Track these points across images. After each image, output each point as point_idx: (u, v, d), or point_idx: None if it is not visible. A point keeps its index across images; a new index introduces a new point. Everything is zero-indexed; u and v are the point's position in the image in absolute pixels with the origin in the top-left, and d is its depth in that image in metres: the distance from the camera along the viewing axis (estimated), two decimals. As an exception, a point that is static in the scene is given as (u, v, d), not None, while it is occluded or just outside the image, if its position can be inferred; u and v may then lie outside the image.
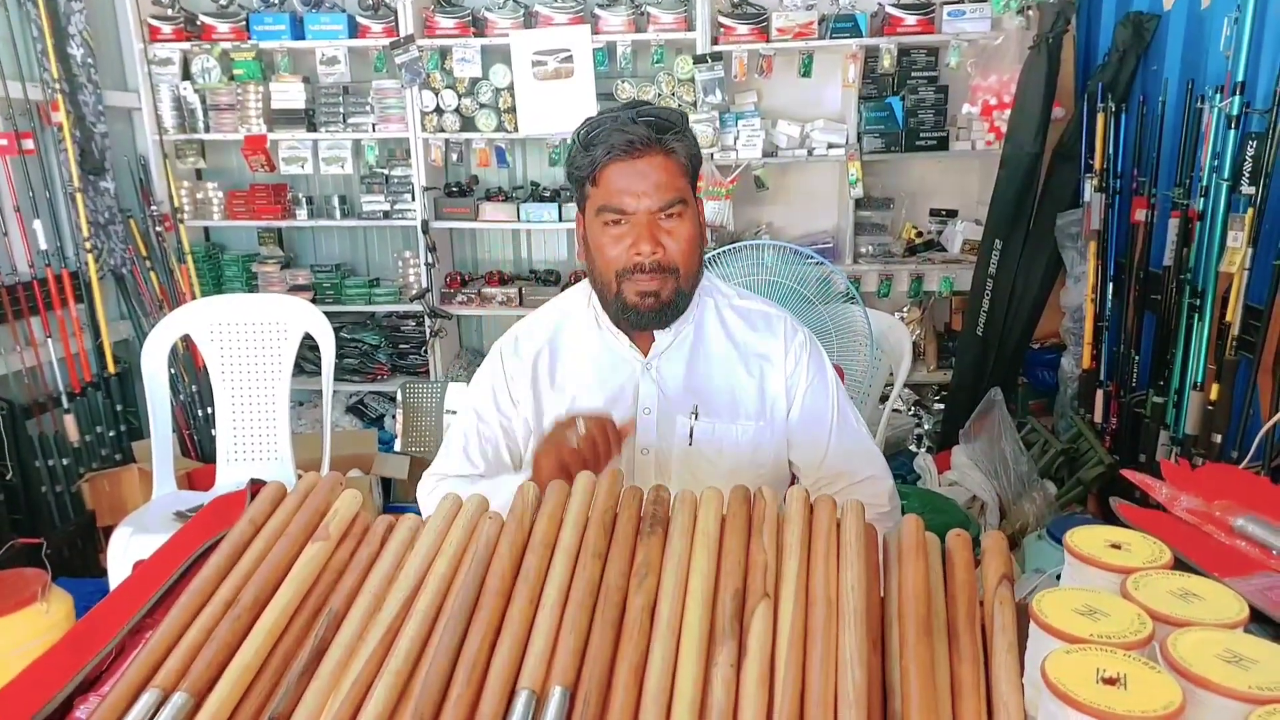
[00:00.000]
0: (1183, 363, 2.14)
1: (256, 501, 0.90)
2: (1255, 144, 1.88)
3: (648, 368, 1.22)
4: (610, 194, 1.11)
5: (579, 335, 1.25)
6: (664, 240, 1.12)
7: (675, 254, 1.13)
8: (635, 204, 1.10)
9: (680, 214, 1.12)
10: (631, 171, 1.10)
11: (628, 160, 1.09)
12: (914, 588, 0.73)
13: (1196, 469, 1.00)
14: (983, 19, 3.04)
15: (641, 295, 1.14)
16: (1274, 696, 0.53)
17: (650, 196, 1.10)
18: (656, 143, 1.10)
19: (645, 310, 1.15)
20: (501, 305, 3.47)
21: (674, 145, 1.11)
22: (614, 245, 1.13)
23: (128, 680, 0.68)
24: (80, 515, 2.76)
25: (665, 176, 1.10)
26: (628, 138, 1.09)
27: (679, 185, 1.12)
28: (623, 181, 1.10)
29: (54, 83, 2.83)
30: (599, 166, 1.11)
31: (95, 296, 2.95)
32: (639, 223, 1.11)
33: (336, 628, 0.74)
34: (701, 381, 1.22)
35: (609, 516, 0.83)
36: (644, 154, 1.09)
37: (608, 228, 1.13)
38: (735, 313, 1.26)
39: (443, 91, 3.30)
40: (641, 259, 1.11)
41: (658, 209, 1.11)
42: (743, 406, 1.22)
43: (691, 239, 1.14)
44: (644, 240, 1.10)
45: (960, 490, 2.62)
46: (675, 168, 1.12)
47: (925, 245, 3.41)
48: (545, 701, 0.64)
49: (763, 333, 1.25)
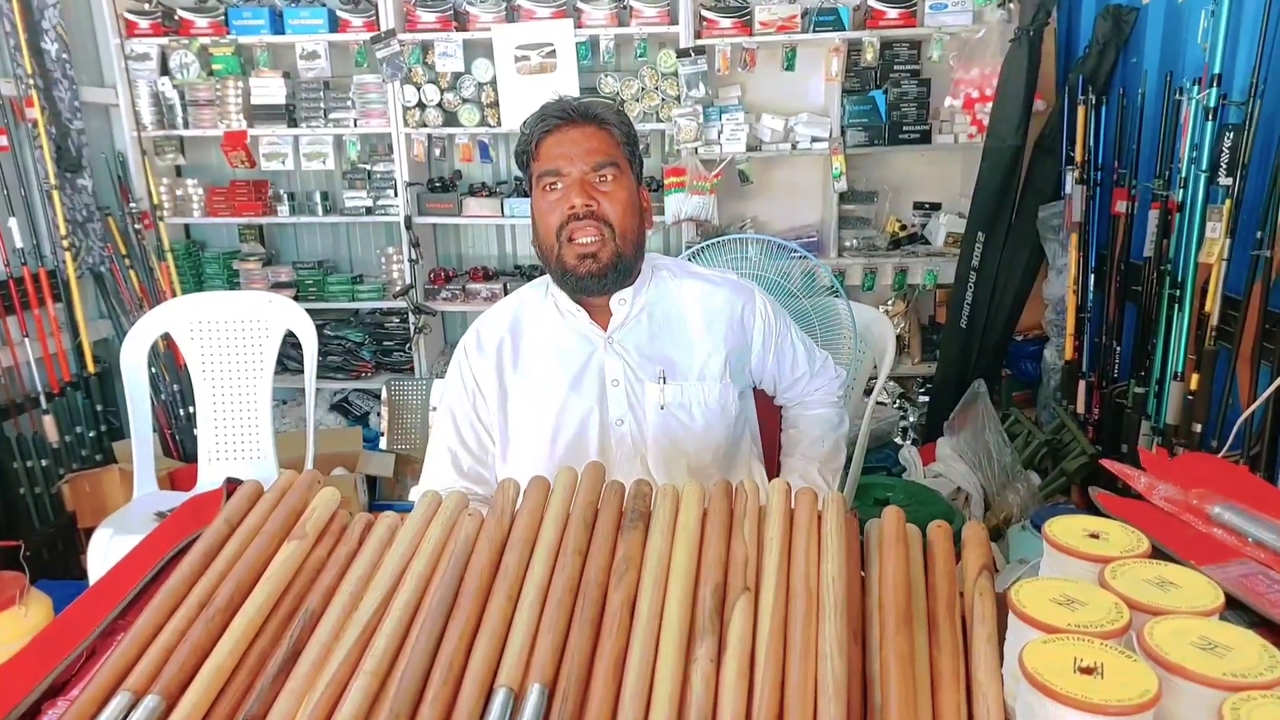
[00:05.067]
0: (1163, 353, 2.16)
1: (232, 500, 0.89)
2: (1232, 135, 1.89)
3: (609, 342, 1.27)
4: (547, 160, 1.20)
5: (538, 320, 1.31)
6: (597, 196, 1.20)
7: (609, 210, 1.20)
8: (569, 166, 1.19)
9: (614, 177, 1.21)
10: (565, 139, 1.20)
11: (562, 129, 1.20)
12: (894, 579, 0.73)
13: (1175, 458, 1.01)
14: (964, 12, 3.05)
15: (580, 258, 1.20)
16: (1248, 683, 0.53)
17: (582, 160, 1.19)
18: (587, 114, 1.21)
19: (584, 274, 1.21)
20: (486, 301, 3.45)
21: (605, 115, 1.22)
22: (554, 210, 1.21)
23: (98, 683, 0.67)
24: (60, 516, 2.73)
25: (596, 143, 1.20)
26: (560, 108, 1.21)
27: (610, 150, 1.21)
28: (558, 148, 1.20)
29: (28, 78, 2.79)
30: (536, 140, 1.21)
31: (74, 295, 2.91)
32: (572, 181, 1.19)
33: (313, 627, 0.73)
34: (665, 348, 1.29)
35: (590, 512, 0.83)
36: (576, 124, 1.20)
37: (547, 193, 1.21)
38: (692, 279, 1.34)
39: (425, 86, 3.28)
40: (575, 210, 1.19)
41: (590, 169, 1.20)
42: (708, 367, 1.29)
43: (626, 201, 1.22)
44: (576, 193, 1.19)
45: (945, 482, 2.64)
46: (606, 136, 1.21)
47: (909, 238, 3.42)
48: (523, 699, 0.63)
49: (721, 295, 1.32)
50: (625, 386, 1.27)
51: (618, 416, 1.28)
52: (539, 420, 1.28)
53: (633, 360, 1.28)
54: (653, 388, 1.27)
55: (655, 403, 1.27)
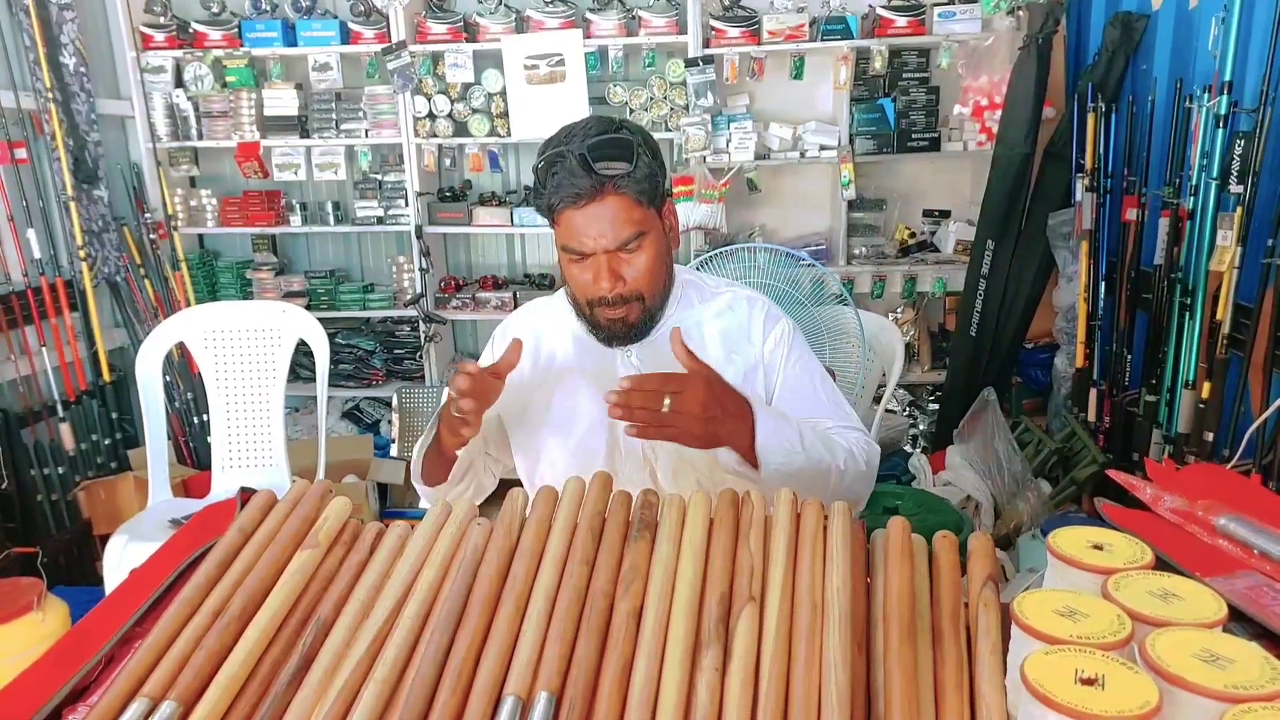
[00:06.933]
0: (1174, 361, 2.15)
1: (246, 510, 0.90)
2: (1243, 143, 1.88)
3: (628, 354, 1.28)
4: (568, 236, 1.15)
5: (566, 325, 1.32)
6: (624, 272, 1.16)
7: (637, 283, 1.17)
8: (593, 244, 1.14)
9: (638, 246, 1.16)
10: (585, 217, 1.13)
11: (582, 206, 1.12)
12: (899, 590, 0.74)
13: (1181, 469, 1.01)
14: (973, 20, 3.05)
15: (610, 321, 1.20)
16: (1249, 695, 0.53)
17: (606, 237, 1.14)
18: (607, 186, 1.12)
19: (616, 334, 1.22)
20: (496, 309, 3.47)
21: (625, 184, 1.13)
22: (578, 276, 1.18)
23: (116, 689, 0.68)
24: (76, 523, 2.76)
25: (619, 213, 1.13)
26: (575, 191, 1.11)
27: (635, 219, 1.15)
28: (579, 224, 1.13)
29: (46, 91, 2.83)
30: (556, 210, 1.15)
31: (90, 305, 2.95)
32: (598, 261, 1.15)
33: (325, 636, 0.74)
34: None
35: (597, 522, 0.84)
36: (595, 199, 1.12)
37: (572, 262, 1.18)
38: (715, 300, 1.32)
39: (435, 97, 3.31)
40: (604, 294, 1.16)
41: (615, 248, 1.15)
42: None
43: (653, 264, 1.18)
44: (604, 278, 1.15)
45: (954, 490, 2.63)
46: (629, 203, 1.14)
47: (918, 246, 3.42)
48: (531, 708, 0.64)
49: (741, 317, 1.30)
50: None
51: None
52: (549, 419, 1.30)
53: (646, 370, 1.27)
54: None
55: None
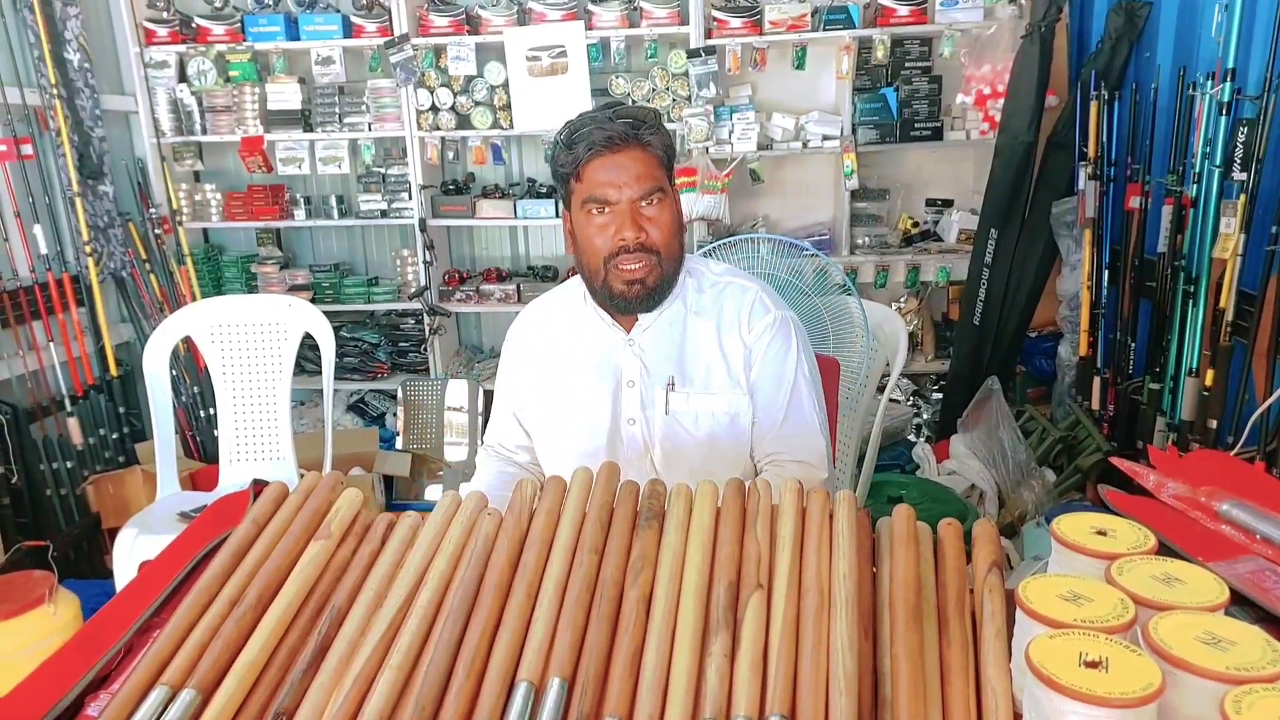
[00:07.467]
0: (1178, 349, 2.15)
1: (259, 502, 0.91)
2: (1246, 130, 1.88)
3: (630, 343, 1.31)
4: (594, 186, 1.20)
5: (571, 314, 1.36)
6: (645, 226, 1.21)
7: (657, 238, 1.22)
8: (618, 194, 1.19)
9: (659, 201, 1.21)
10: (612, 165, 1.18)
11: (608, 155, 1.18)
12: (905, 576, 0.75)
13: (1185, 456, 1.02)
14: (975, 8, 3.04)
15: (628, 284, 1.23)
16: (1250, 676, 0.54)
17: (631, 186, 1.19)
18: (634, 138, 1.19)
19: (633, 298, 1.24)
20: (500, 302, 3.48)
21: (650, 139, 1.20)
22: (600, 234, 1.22)
23: (137, 678, 0.69)
24: (85, 517, 2.78)
25: (643, 168, 1.19)
26: (607, 134, 1.18)
27: (656, 175, 1.21)
28: (604, 174, 1.19)
29: (51, 88, 2.84)
30: (582, 162, 1.19)
31: (96, 300, 2.96)
32: (622, 210, 1.20)
33: (339, 624, 0.75)
34: (682, 354, 1.31)
35: (605, 511, 0.85)
36: (623, 148, 1.18)
37: (593, 217, 1.22)
38: (715, 288, 1.34)
39: (438, 90, 3.30)
40: (626, 242, 1.20)
41: (638, 197, 1.20)
42: (717, 378, 1.30)
43: (671, 224, 1.23)
44: (628, 226, 1.19)
45: (959, 479, 2.64)
46: (652, 160, 1.21)
47: (921, 236, 3.42)
48: (544, 693, 0.65)
49: (736, 305, 1.32)
50: (640, 388, 1.30)
51: (629, 416, 1.31)
52: (556, 408, 1.33)
53: (649, 362, 1.31)
54: (661, 393, 1.30)
55: (662, 408, 1.30)
